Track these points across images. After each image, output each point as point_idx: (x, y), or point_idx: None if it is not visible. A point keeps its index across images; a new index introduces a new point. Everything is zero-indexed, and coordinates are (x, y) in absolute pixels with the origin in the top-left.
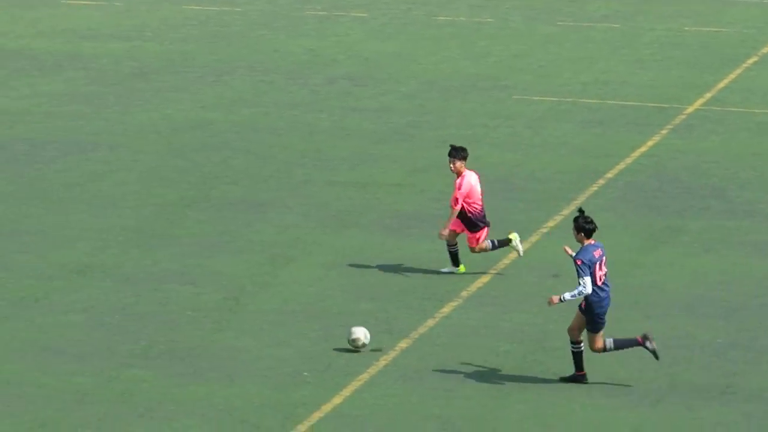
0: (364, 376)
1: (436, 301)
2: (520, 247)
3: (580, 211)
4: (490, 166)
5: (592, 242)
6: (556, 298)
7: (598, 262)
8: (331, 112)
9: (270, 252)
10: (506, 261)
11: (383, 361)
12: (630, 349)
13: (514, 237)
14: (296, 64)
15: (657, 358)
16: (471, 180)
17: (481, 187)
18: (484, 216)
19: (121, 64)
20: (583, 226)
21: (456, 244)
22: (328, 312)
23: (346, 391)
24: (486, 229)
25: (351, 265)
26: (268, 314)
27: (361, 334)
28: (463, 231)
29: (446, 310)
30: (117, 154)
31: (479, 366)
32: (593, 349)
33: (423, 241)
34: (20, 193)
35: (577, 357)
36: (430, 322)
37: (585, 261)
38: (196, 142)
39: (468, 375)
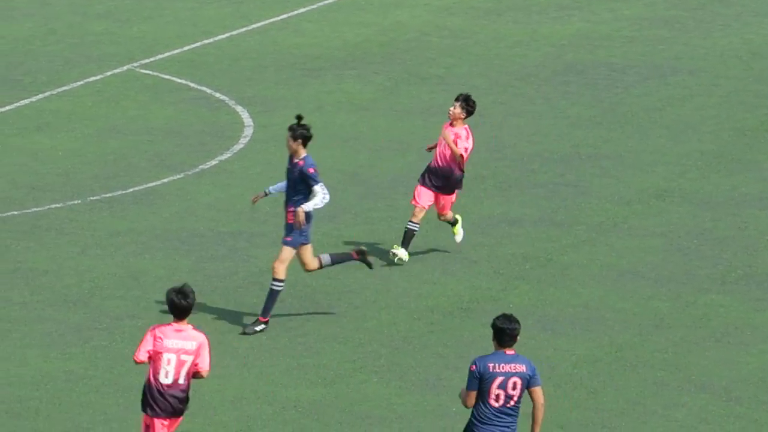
0: None
1: None
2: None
3: (298, 117)
4: None
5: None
6: (302, 214)
7: None
8: None
9: None
10: None
11: None
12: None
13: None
14: None
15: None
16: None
17: None
18: None
19: None
20: (303, 134)
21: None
22: None
23: None
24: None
25: None
26: None
27: None
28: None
29: None
30: (697, 79)
31: None
32: (309, 270)
33: None
34: (600, 117)
35: (275, 297)
36: None
37: (316, 169)
38: None
39: None
